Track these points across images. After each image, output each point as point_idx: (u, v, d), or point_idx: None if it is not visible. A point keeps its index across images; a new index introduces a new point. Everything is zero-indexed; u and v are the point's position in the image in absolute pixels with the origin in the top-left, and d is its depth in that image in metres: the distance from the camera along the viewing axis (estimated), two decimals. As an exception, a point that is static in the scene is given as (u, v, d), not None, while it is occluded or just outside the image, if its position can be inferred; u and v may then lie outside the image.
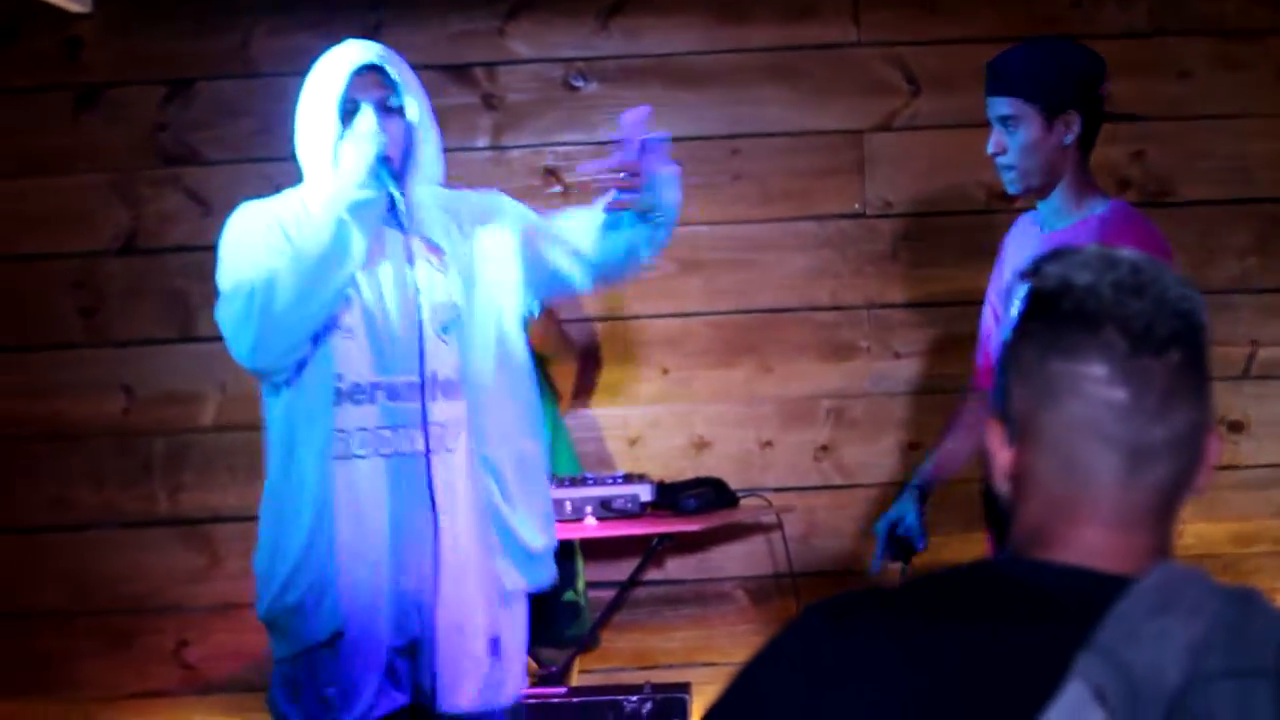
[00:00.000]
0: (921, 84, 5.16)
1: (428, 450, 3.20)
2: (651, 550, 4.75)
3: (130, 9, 5.13)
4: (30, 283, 5.15)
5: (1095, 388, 1.52)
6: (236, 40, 5.14)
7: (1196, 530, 5.05)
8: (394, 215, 3.26)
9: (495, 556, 3.31)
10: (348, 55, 3.28)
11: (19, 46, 5.13)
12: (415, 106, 3.31)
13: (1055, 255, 1.59)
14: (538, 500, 3.41)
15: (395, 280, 3.26)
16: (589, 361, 5.16)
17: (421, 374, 3.20)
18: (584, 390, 5.17)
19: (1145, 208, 5.10)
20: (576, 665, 4.89)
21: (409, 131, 3.31)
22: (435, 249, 3.31)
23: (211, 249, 3.38)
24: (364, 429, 3.19)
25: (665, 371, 5.19)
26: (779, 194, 5.18)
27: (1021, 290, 1.59)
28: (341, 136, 3.24)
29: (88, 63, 5.14)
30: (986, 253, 4.86)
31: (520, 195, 5.16)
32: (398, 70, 3.30)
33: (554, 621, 4.74)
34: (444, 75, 5.16)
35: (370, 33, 5.06)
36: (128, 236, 5.13)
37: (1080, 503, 1.54)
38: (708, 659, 5.14)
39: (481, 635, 3.28)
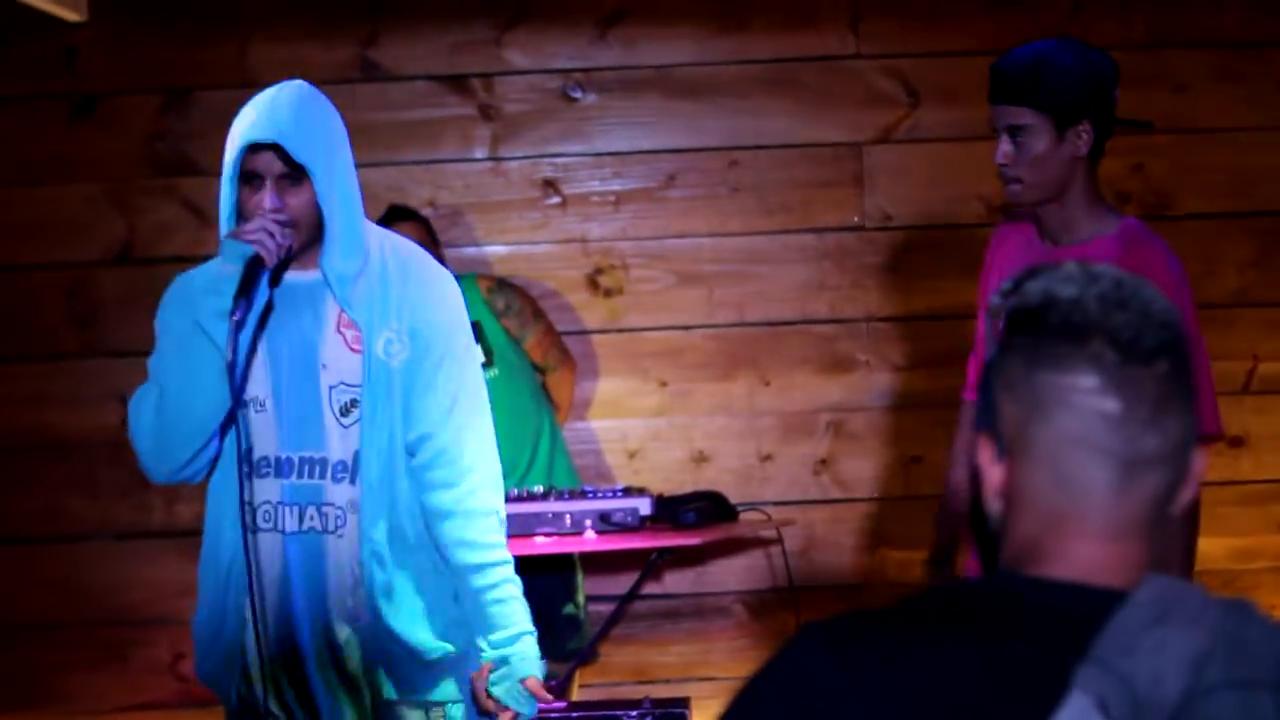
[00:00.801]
0: (921, 96, 5.15)
1: (323, 530, 3.08)
2: (651, 564, 4.74)
3: (126, 18, 5.13)
4: (25, 293, 5.13)
5: (1086, 399, 1.51)
6: (233, 50, 5.13)
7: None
8: (324, 285, 3.06)
9: (375, 656, 3.12)
10: (239, 127, 3.10)
11: (14, 55, 5.12)
12: (321, 175, 3.02)
13: (1035, 271, 1.58)
14: (435, 601, 3.15)
15: (302, 355, 3.08)
16: (586, 376, 5.16)
17: (325, 452, 3.07)
18: (583, 403, 5.16)
19: (1145, 221, 5.12)
20: (576, 679, 4.87)
21: (321, 200, 3.03)
22: (352, 325, 3.08)
23: (208, 259, 3.35)
24: (267, 502, 3.09)
25: (664, 384, 5.18)
26: (778, 206, 5.17)
27: (1000, 306, 1.59)
28: (233, 211, 3.10)
29: (84, 72, 5.13)
30: (986, 265, 4.87)
31: (518, 206, 5.21)
32: (296, 142, 3.02)
33: (554, 635, 4.73)
34: (441, 86, 5.16)
35: (366, 43, 5.07)
36: (123, 246, 5.12)
37: (1072, 516, 1.53)
38: (706, 673, 5.13)
39: None
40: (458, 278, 3.76)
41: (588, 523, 4.40)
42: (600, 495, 4.51)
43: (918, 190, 5.16)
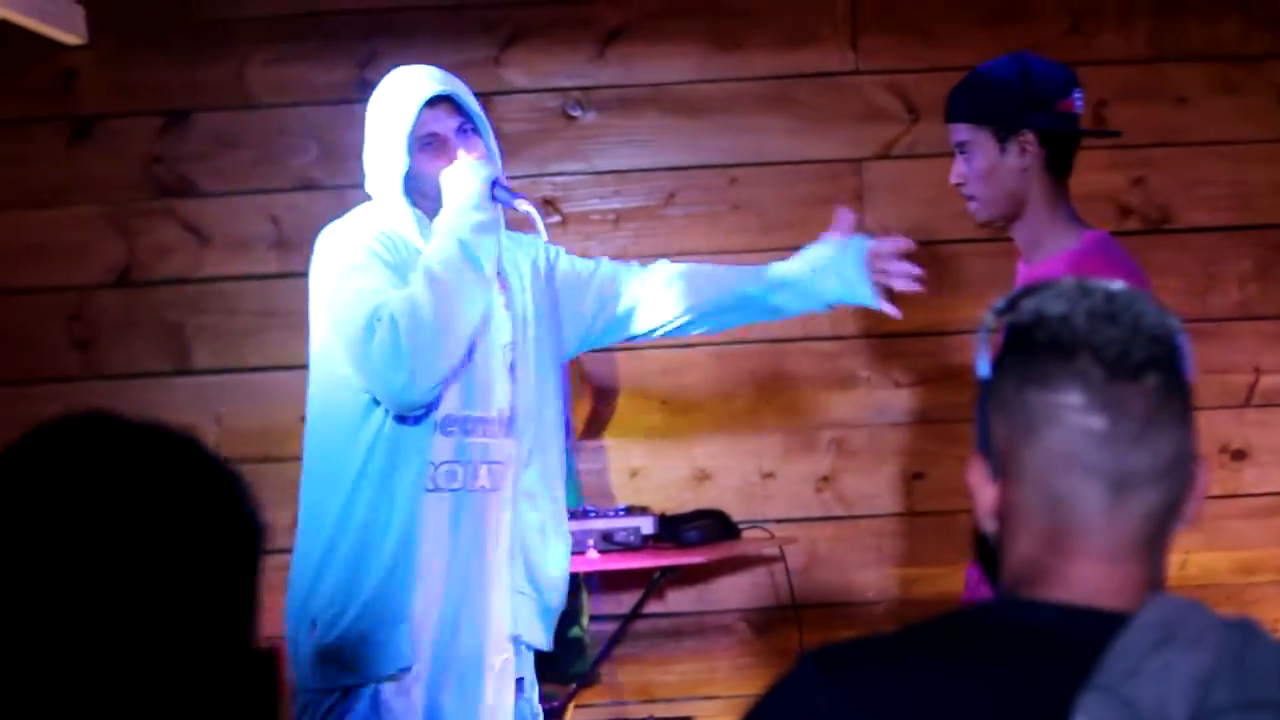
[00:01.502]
0: (920, 112, 5.14)
1: (490, 488, 3.23)
2: (654, 583, 4.73)
3: (125, 40, 5.12)
4: (25, 315, 5.12)
5: (1073, 417, 1.50)
6: (232, 71, 5.12)
7: (1198, 560, 5.03)
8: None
9: (514, 598, 3.31)
10: (412, 85, 3.25)
11: (12, 78, 5.11)
12: (489, 134, 3.33)
13: (1031, 289, 1.58)
14: (560, 556, 3.40)
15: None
16: (602, 395, 5.15)
17: (494, 409, 3.25)
18: (593, 421, 5.15)
19: (1145, 235, 5.12)
20: (572, 703, 4.85)
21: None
22: (504, 284, 3.31)
23: (208, 281, 3.35)
24: (449, 462, 3.19)
25: (664, 402, 5.17)
26: (778, 223, 5.16)
27: (991, 324, 1.58)
28: (409, 175, 3.20)
29: (82, 94, 5.13)
30: (987, 281, 4.87)
31: (519, 227, 5.19)
32: (465, 95, 3.30)
33: (559, 658, 4.72)
34: (440, 105, 5.15)
35: (364, 64, 5.06)
36: (123, 269, 5.11)
37: (1068, 536, 1.52)
38: (709, 692, 5.11)
39: (509, 675, 3.31)
40: None
41: (590, 542, 4.40)
42: (603, 514, 4.51)
43: (918, 206, 5.15)
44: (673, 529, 4.59)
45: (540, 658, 3.40)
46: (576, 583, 4.83)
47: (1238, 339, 5.12)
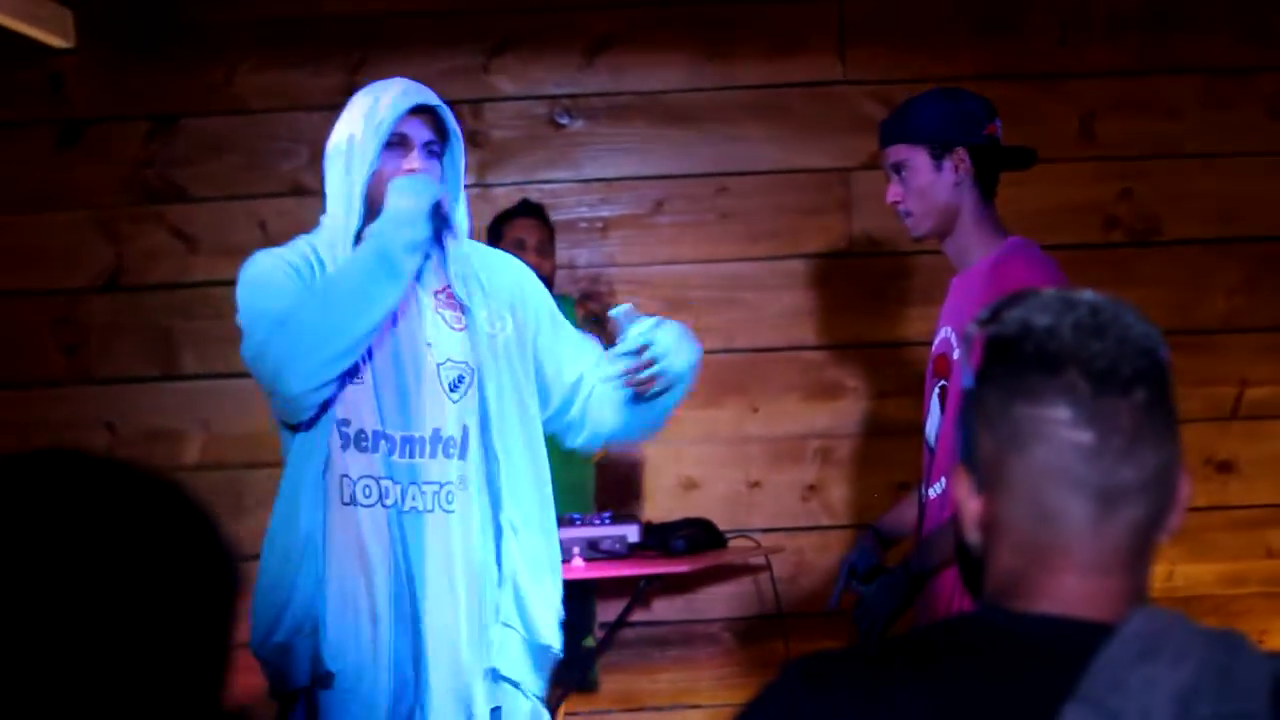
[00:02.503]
0: (909, 122, 5.15)
1: (425, 509, 3.15)
2: (639, 592, 4.72)
3: (113, 44, 5.12)
4: (13, 320, 5.11)
5: (1060, 431, 1.49)
6: (221, 76, 5.12)
7: (1185, 571, 5.03)
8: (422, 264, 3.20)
9: (500, 630, 3.22)
10: (397, 92, 3.20)
11: (0, 82, 5.11)
12: (458, 157, 3.27)
13: (1015, 299, 1.57)
14: (549, 595, 3.29)
15: (406, 331, 3.19)
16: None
17: (430, 428, 3.17)
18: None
19: (1133, 247, 5.13)
20: (560, 710, 4.85)
21: (444, 178, 3.25)
22: (456, 304, 3.24)
23: (196, 286, 3.35)
24: (368, 477, 3.15)
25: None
26: (765, 232, 5.17)
27: (975, 334, 1.58)
28: (373, 172, 3.16)
29: (70, 98, 5.12)
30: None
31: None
32: (448, 117, 3.23)
33: (571, 669, 4.72)
34: (430, 112, 5.15)
35: (354, 70, 5.06)
36: (111, 274, 5.10)
37: (1053, 550, 1.52)
38: (694, 701, 5.11)
39: (479, 705, 3.20)
40: (559, 298, 3.76)
41: (576, 550, 4.39)
42: (588, 522, 4.50)
43: (905, 216, 5.15)
44: (659, 537, 4.58)
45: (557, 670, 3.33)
46: (588, 590, 4.84)
47: (1224, 351, 5.13)
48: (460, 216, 3.27)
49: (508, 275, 3.37)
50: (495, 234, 4.89)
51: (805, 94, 5.19)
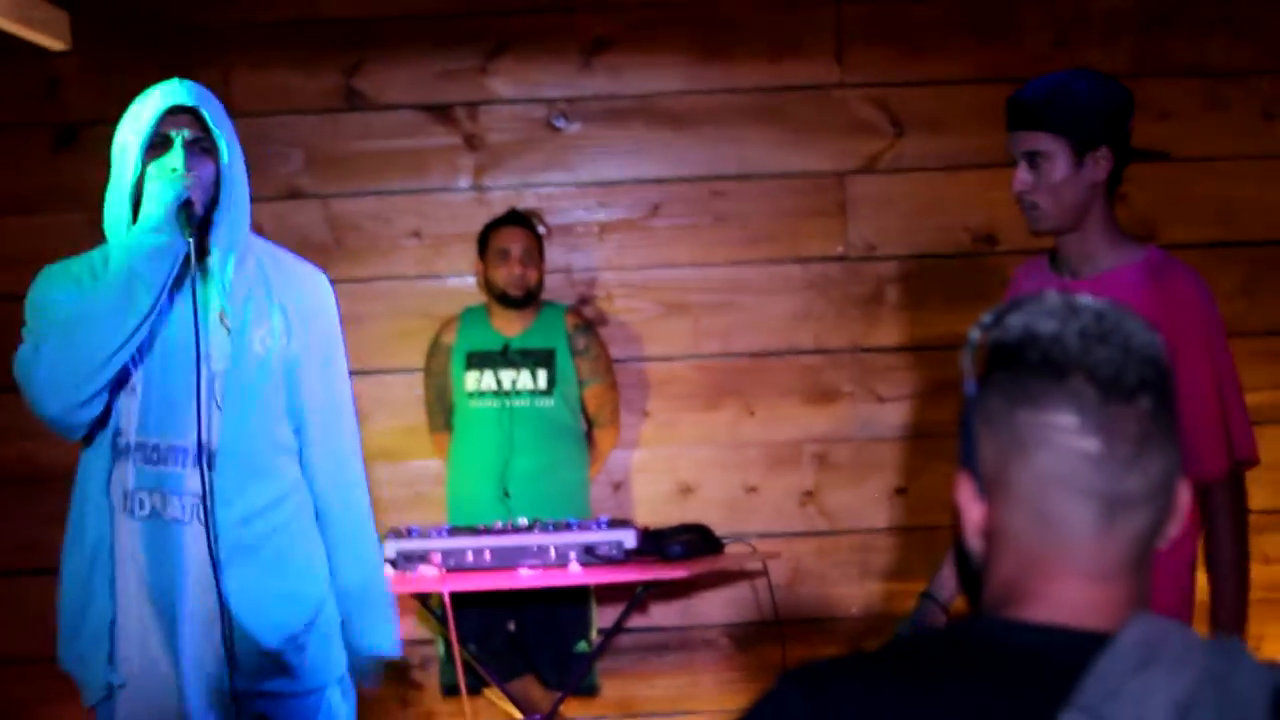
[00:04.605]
0: (905, 126, 5.15)
1: (186, 520, 3.08)
2: (637, 597, 4.70)
3: (109, 47, 5.11)
4: (8, 322, 5.09)
5: (1066, 438, 1.48)
6: (217, 78, 5.10)
7: (1183, 575, 5.02)
8: (194, 266, 3.04)
9: (220, 648, 3.10)
10: (158, 94, 3.09)
11: (-3, 84, 5.11)
12: (227, 150, 3.10)
13: (1016, 305, 1.56)
14: (286, 587, 3.19)
15: (179, 339, 3.08)
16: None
17: (191, 439, 3.07)
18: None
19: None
20: (557, 715, 4.84)
21: (221, 178, 3.09)
22: (234, 314, 3.13)
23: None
24: (142, 488, 3.09)
25: (648, 415, 5.17)
26: (762, 236, 5.17)
27: (979, 340, 1.57)
28: (137, 175, 3.06)
29: (66, 101, 5.12)
30: (971, 296, 4.87)
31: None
32: (212, 112, 3.10)
33: (566, 672, 4.71)
34: (425, 115, 5.15)
35: (351, 72, 5.05)
36: (106, 277, 5.09)
37: (1055, 557, 1.51)
38: (692, 707, 5.10)
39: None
40: (549, 306, 3.66)
41: (572, 555, 4.37)
42: (585, 528, 4.48)
43: (902, 220, 5.15)
44: (656, 543, 4.56)
45: (548, 673, 3.27)
46: (586, 593, 4.83)
47: (1222, 355, 5.11)
48: (237, 211, 3.14)
49: (304, 298, 3.24)
50: (482, 242, 4.89)
51: (802, 97, 5.18)
